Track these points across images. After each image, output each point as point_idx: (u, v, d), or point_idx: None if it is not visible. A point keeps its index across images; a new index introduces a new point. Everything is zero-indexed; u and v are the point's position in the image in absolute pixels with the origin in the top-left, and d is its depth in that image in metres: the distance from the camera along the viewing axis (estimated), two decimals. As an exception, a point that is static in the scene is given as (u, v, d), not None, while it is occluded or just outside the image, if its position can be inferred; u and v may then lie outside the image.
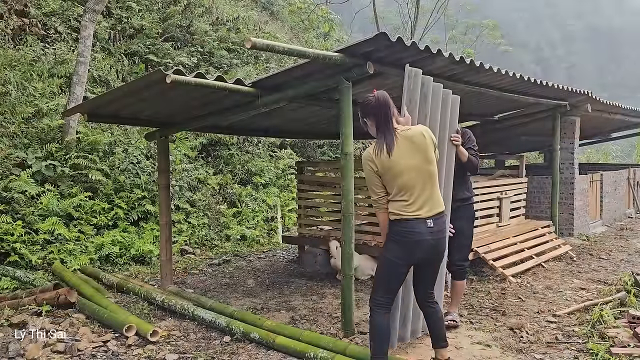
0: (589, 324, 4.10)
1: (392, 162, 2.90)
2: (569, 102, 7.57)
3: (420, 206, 2.94)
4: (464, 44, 22.69)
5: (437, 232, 2.97)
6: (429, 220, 2.94)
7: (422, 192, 2.94)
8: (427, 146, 2.96)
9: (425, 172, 2.95)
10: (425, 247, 2.95)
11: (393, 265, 3.01)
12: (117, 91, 4.22)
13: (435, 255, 3.06)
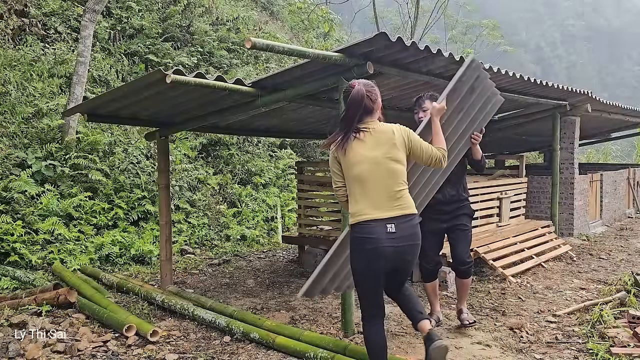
0: (589, 324, 4.10)
1: (348, 157, 2.73)
2: (569, 102, 7.57)
3: (376, 205, 2.65)
4: (464, 44, 22.69)
5: (400, 239, 2.64)
6: (390, 225, 2.62)
7: (378, 188, 2.67)
8: (394, 142, 2.72)
9: (384, 167, 2.68)
10: (386, 255, 2.63)
11: (360, 277, 2.76)
12: (117, 91, 4.22)
13: (401, 264, 2.74)
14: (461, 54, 4.48)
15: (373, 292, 2.77)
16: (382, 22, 20.66)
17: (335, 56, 3.61)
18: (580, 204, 8.40)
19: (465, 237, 4.04)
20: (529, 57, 56.34)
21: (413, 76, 4.50)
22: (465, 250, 4.00)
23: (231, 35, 12.34)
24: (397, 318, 4.37)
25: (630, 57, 63.95)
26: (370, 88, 2.81)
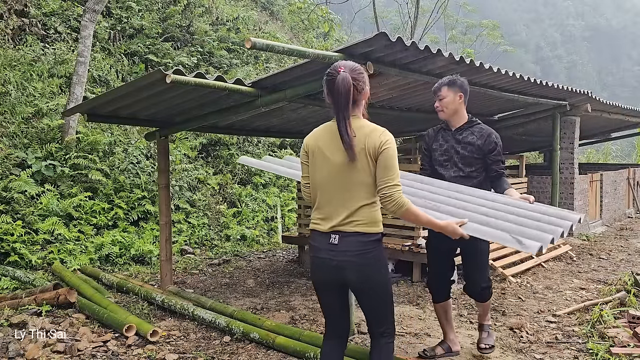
0: (588, 324, 4.10)
1: (321, 152, 2.36)
2: (568, 102, 7.57)
3: (326, 215, 2.34)
4: (464, 44, 22.68)
5: (341, 253, 2.28)
6: (334, 236, 2.29)
7: (332, 198, 2.32)
8: (363, 147, 2.26)
9: (342, 174, 2.29)
10: (327, 268, 2.33)
11: (316, 289, 2.50)
12: (116, 91, 4.22)
13: (351, 284, 2.36)
14: (461, 54, 4.48)
15: (326, 306, 2.52)
16: (382, 22, 20.66)
17: (335, 56, 3.60)
18: (580, 204, 8.39)
19: (476, 258, 3.29)
20: (529, 57, 56.37)
21: (413, 76, 4.50)
22: (478, 274, 3.31)
23: (231, 35, 12.34)
24: (397, 318, 4.37)
25: (630, 57, 63.99)
26: (357, 75, 2.33)
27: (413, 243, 5.62)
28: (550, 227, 2.64)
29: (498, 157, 3.31)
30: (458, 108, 3.32)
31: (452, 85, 3.29)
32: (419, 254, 5.47)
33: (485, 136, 3.29)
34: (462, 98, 3.30)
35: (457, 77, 3.34)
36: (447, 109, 3.31)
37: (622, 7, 70.99)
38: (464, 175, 3.27)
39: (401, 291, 5.27)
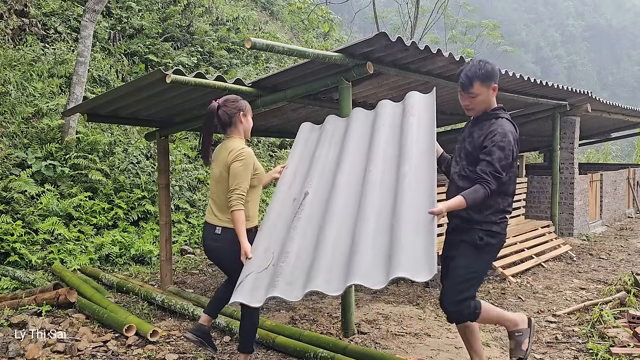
0: (588, 324, 4.10)
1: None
2: (568, 102, 7.57)
3: (211, 211, 3.08)
4: (464, 44, 22.69)
5: (213, 239, 3.01)
6: (210, 229, 3.05)
7: (214, 198, 3.06)
8: (226, 161, 2.94)
9: (219, 182, 2.99)
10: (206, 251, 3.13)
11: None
12: (116, 91, 4.22)
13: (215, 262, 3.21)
14: (461, 54, 4.48)
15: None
16: (382, 22, 20.68)
17: (335, 56, 3.61)
18: (580, 204, 8.40)
19: (448, 272, 2.87)
20: (529, 57, 56.38)
21: (413, 76, 4.50)
22: (446, 291, 2.81)
23: (231, 35, 12.34)
24: (397, 318, 4.37)
25: (630, 57, 64.01)
26: (226, 103, 3.01)
27: (413, 243, 5.61)
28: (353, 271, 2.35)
29: (486, 157, 2.64)
30: (490, 100, 2.81)
31: (487, 80, 2.73)
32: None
33: (488, 131, 2.70)
34: (495, 90, 2.80)
35: (486, 63, 2.75)
36: (478, 107, 2.80)
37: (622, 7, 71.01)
38: (465, 174, 2.77)
39: (401, 291, 5.27)
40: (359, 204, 2.69)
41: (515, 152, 2.71)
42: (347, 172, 2.93)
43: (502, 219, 2.78)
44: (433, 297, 5.01)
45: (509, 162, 2.66)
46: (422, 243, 2.33)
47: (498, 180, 2.61)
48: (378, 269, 2.33)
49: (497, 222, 2.76)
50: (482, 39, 23.11)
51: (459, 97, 2.86)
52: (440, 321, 4.33)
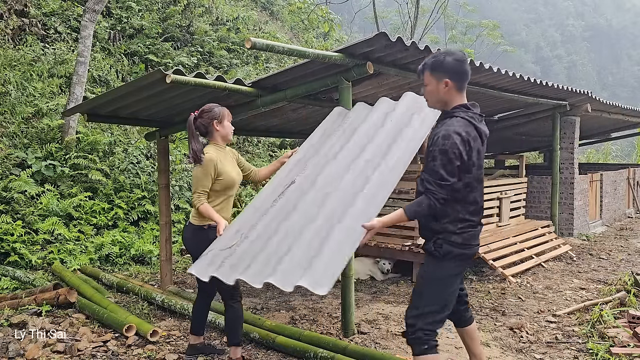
0: (588, 324, 4.10)
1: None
2: (568, 102, 7.57)
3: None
4: (464, 44, 22.69)
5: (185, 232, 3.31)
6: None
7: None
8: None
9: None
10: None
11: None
12: (116, 91, 4.22)
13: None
14: (461, 54, 4.48)
15: None
16: (382, 22, 20.68)
17: (335, 56, 3.61)
18: (580, 204, 8.40)
19: (415, 288, 2.62)
20: (529, 57, 56.37)
21: (413, 76, 4.50)
22: (409, 304, 2.60)
23: (231, 35, 12.34)
24: (397, 318, 4.37)
25: (630, 57, 64.01)
26: (201, 114, 3.21)
27: (413, 243, 5.62)
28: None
29: (430, 163, 2.41)
30: (446, 99, 2.50)
31: (435, 70, 2.48)
32: (419, 254, 5.47)
33: (433, 137, 2.45)
34: (448, 85, 2.47)
35: (445, 54, 2.49)
36: (430, 100, 2.58)
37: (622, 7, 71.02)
38: (422, 178, 2.49)
39: (401, 291, 5.27)
40: (322, 202, 2.66)
41: (465, 154, 2.38)
42: (335, 166, 2.90)
43: (463, 228, 2.48)
44: (433, 297, 5.01)
45: (456, 167, 2.36)
46: (337, 256, 2.28)
47: (445, 188, 2.35)
48: (294, 272, 2.29)
49: (457, 232, 2.47)
50: (482, 39, 23.12)
51: None
52: (440, 321, 4.33)
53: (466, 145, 2.39)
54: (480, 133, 2.51)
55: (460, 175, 2.42)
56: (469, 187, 2.47)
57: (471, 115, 2.48)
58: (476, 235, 2.57)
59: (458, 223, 2.48)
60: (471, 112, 2.50)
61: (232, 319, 3.27)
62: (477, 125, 2.48)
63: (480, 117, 2.55)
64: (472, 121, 2.47)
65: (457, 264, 2.54)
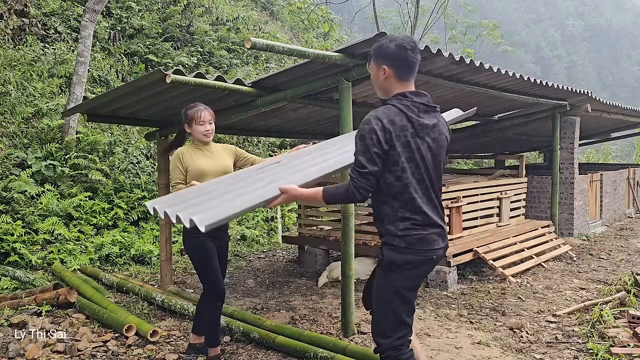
0: (588, 324, 4.10)
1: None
2: (568, 102, 7.57)
3: None
4: (464, 44, 22.69)
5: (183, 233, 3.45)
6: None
7: None
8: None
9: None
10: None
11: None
12: (116, 91, 4.22)
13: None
14: (461, 54, 4.48)
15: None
16: (382, 22, 20.69)
17: (335, 56, 3.61)
18: (580, 204, 8.40)
19: (373, 300, 2.41)
20: (529, 57, 56.38)
21: (413, 76, 4.50)
22: (371, 321, 2.42)
23: (231, 35, 12.34)
24: (397, 318, 4.37)
25: (630, 57, 64.03)
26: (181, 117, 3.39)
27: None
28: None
29: (355, 154, 2.23)
30: (385, 87, 2.32)
31: (376, 57, 2.32)
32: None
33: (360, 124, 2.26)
34: (386, 72, 2.28)
35: (392, 38, 2.30)
36: (376, 88, 2.41)
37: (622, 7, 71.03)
38: None
39: (401, 291, 5.27)
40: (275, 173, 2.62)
41: (385, 142, 2.16)
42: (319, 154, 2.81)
43: (405, 230, 2.23)
44: (433, 297, 5.02)
45: (374, 154, 2.15)
46: (235, 205, 2.26)
47: (365, 177, 2.15)
48: (197, 211, 2.29)
49: (399, 235, 2.23)
50: (482, 39, 23.12)
51: None
52: (440, 321, 4.33)
53: (386, 133, 2.16)
54: (413, 123, 2.22)
55: (389, 167, 2.20)
56: (401, 182, 2.22)
57: (406, 104, 2.24)
58: (427, 238, 2.26)
59: (399, 223, 2.24)
60: (408, 100, 2.25)
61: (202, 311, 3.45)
62: (409, 115, 2.22)
63: (425, 107, 2.28)
64: (404, 110, 2.22)
65: (406, 276, 2.27)
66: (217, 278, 3.35)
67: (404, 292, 2.28)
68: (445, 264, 5.27)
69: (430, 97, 2.33)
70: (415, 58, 2.28)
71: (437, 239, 2.29)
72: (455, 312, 4.55)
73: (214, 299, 3.34)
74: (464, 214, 6.26)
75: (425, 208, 2.27)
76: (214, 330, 3.42)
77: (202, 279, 3.40)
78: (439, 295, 5.09)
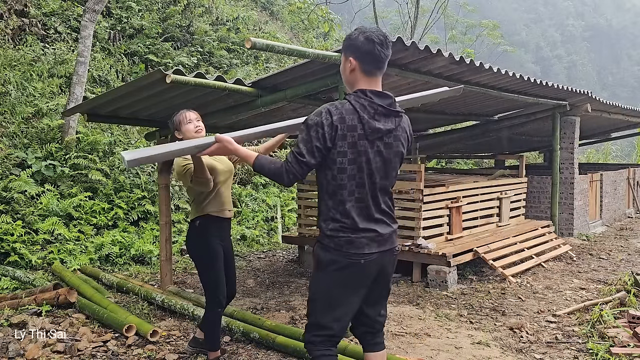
0: (588, 324, 4.10)
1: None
2: (568, 102, 7.57)
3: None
4: (464, 44, 22.69)
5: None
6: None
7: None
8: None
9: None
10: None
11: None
12: (116, 91, 4.22)
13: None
14: (461, 54, 4.48)
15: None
16: (382, 22, 20.69)
17: (335, 56, 3.61)
18: (580, 204, 8.40)
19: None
20: (529, 57, 56.38)
21: (413, 76, 4.50)
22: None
23: (231, 35, 12.34)
24: (397, 318, 4.37)
25: (630, 57, 64.04)
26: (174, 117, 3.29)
27: (413, 243, 5.62)
28: None
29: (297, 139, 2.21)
30: (350, 80, 2.25)
31: (346, 47, 2.23)
32: (419, 254, 5.47)
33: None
34: (352, 64, 2.19)
35: (362, 30, 2.20)
36: (343, 82, 2.38)
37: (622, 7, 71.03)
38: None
39: (401, 291, 5.27)
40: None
41: (329, 140, 2.10)
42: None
43: (334, 230, 2.16)
44: (433, 297, 5.02)
45: (315, 147, 2.10)
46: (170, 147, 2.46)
47: (300, 165, 2.11)
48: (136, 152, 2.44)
49: (328, 235, 2.18)
50: (482, 39, 23.12)
51: None
52: (440, 321, 4.33)
53: (333, 130, 2.09)
54: (364, 125, 2.12)
55: (329, 164, 2.14)
56: (337, 181, 2.14)
57: (362, 104, 2.13)
58: (356, 242, 2.16)
59: (330, 222, 2.19)
60: (366, 99, 2.15)
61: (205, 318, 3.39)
62: (362, 116, 2.12)
63: (384, 110, 2.16)
64: (358, 109, 2.12)
65: (332, 277, 2.19)
66: (221, 279, 3.29)
67: (330, 292, 2.21)
68: (445, 264, 5.27)
69: (394, 100, 2.23)
70: (384, 53, 2.17)
71: (370, 244, 2.18)
72: (455, 312, 4.55)
73: (215, 305, 3.27)
74: (464, 214, 6.26)
75: (354, 213, 2.16)
76: (213, 333, 3.36)
77: (204, 281, 3.32)
78: (439, 295, 5.10)
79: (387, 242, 2.26)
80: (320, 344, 2.24)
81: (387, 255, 2.26)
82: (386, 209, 2.26)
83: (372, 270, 2.22)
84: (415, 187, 5.63)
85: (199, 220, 3.26)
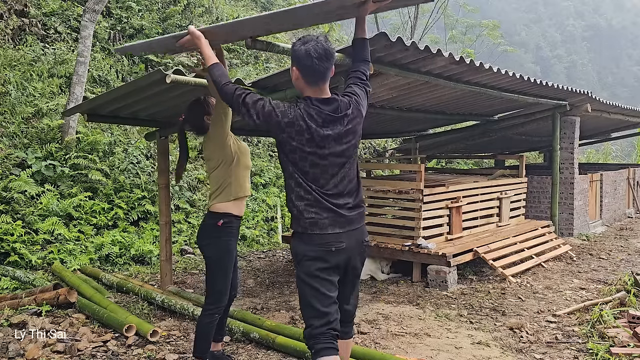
0: (588, 324, 4.10)
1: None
2: (568, 102, 7.57)
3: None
4: (464, 44, 22.66)
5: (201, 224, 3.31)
6: None
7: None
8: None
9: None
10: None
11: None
12: (117, 91, 4.22)
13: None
14: (461, 54, 4.48)
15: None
16: (382, 22, 20.65)
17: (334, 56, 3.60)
18: (580, 204, 8.40)
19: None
20: (529, 57, 56.37)
21: (413, 76, 4.50)
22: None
23: (231, 35, 12.30)
24: (397, 318, 4.37)
25: (630, 57, 64.04)
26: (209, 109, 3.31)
27: (413, 243, 5.62)
28: None
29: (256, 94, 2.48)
30: (298, 86, 2.40)
31: (292, 56, 2.38)
32: (419, 254, 5.47)
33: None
34: (295, 74, 2.36)
35: (306, 40, 2.31)
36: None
37: (622, 7, 71.04)
38: None
39: (401, 291, 5.27)
40: None
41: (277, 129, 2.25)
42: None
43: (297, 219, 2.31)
44: (433, 297, 5.02)
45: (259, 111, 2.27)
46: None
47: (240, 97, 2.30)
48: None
49: (295, 222, 2.35)
50: (482, 39, 23.09)
51: None
52: (440, 321, 4.33)
53: (280, 125, 2.25)
54: (313, 134, 2.23)
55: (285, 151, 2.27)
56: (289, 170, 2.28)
57: (310, 114, 2.25)
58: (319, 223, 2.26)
59: (293, 209, 2.32)
60: (314, 108, 2.27)
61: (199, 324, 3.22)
62: (309, 125, 2.23)
63: (331, 117, 2.26)
64: (307, 119, 2.24)
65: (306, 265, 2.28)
66: (229, 287, 3.20)
67: (309, 281, 2.28)
68: (445, 264, 5.27)
69: (340, 103, 2.30)
70: (322, 66, 2.24)
71: (332, 224, 2.28)
72: (455, 312, 4.55)
73: (216, 310, 3.15)
74: (464, 214, 6.26)
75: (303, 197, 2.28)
76: (206, 339, 3.18)
77: (212, 284, 3.13)
78: (439, 295, 5.10)
79: (349, 225, 2.32)
80: (323, 336, 2.28)
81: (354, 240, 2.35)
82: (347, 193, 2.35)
83: (343, 255, 2.31)
84: (415, 187, 5.63)
85: (224, 220, 3.12)
